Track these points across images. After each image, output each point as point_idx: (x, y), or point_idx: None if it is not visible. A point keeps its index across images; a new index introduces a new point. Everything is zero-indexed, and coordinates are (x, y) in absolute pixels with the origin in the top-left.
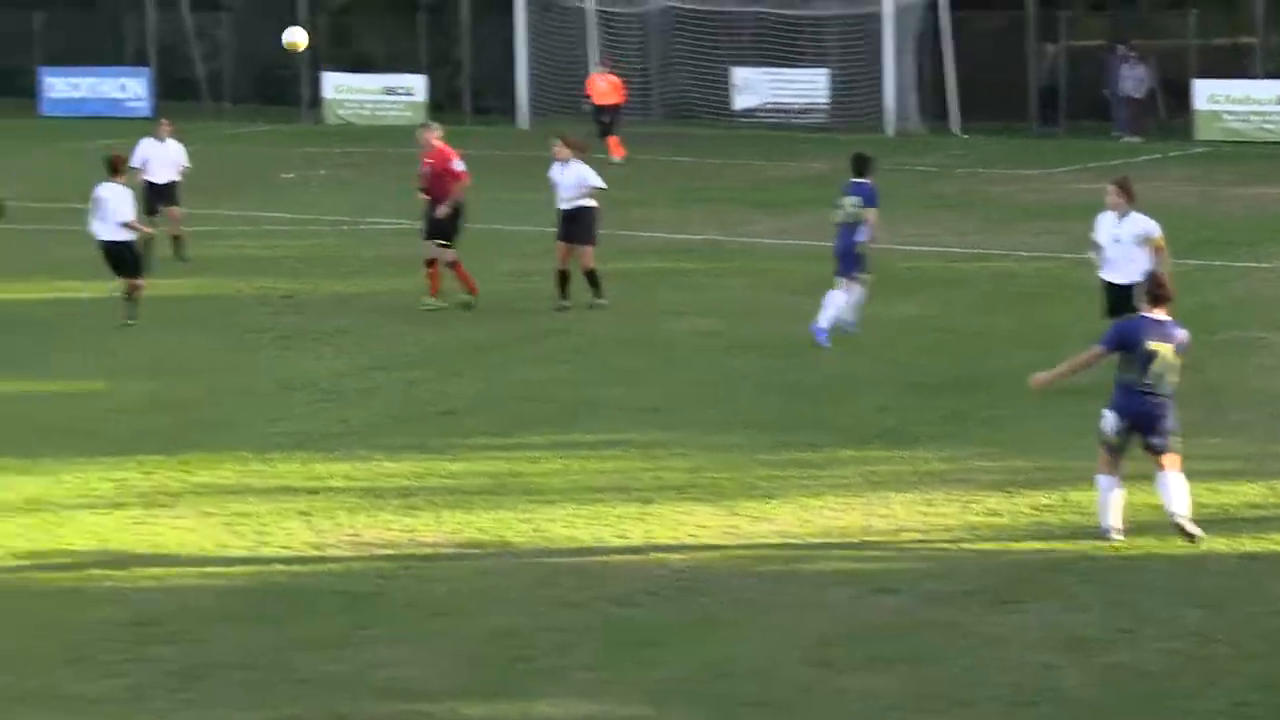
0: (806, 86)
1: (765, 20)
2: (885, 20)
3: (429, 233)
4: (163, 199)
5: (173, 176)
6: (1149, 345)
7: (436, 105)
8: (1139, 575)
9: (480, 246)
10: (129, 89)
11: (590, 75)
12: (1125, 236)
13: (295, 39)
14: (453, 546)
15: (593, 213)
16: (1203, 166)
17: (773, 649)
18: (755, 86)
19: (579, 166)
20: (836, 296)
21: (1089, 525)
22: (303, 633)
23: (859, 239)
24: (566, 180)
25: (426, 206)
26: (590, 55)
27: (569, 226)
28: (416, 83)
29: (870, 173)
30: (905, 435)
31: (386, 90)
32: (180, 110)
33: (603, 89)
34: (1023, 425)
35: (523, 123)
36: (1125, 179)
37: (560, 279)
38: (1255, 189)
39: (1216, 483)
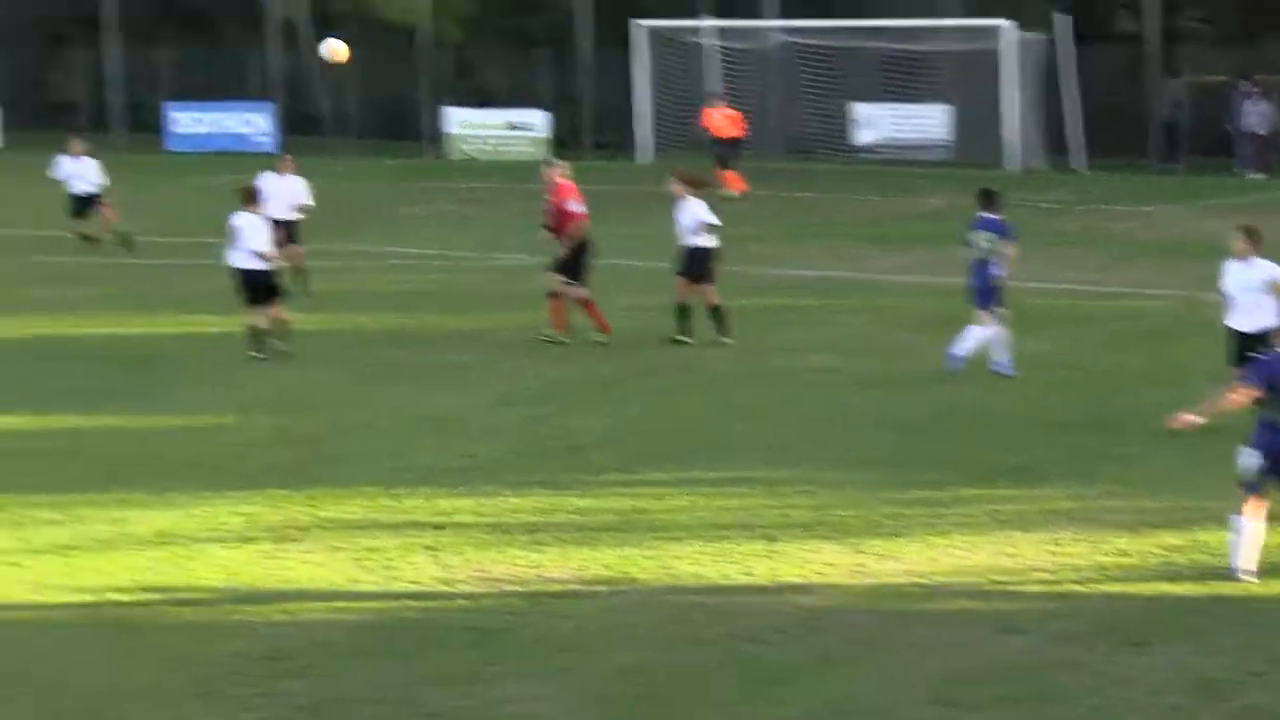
0: (926, 122)
1: (885, 56)
2: (1005, 55)
3: (556, 268)
4: (281, 234)
5: (292, 212)
6: None
7: (558, 140)
8: (1272, 617)
9: (600, 281)
10: (254, 124)
11: (706, 108)
12: (1252, 283)
13: (334, 50)
14: (579, 582)
15: (710, 250)
16: None
17: (898, 688)
18: (875, 122)
19: (694, 203)
20: (977, 330)
21: (1219, 566)
22: (432, 668)
23: (995, 273)
24: (684, 217)
25: (553, 243)
26: (710, 90)
27: (687, 263)
28: (538, 118)
29: (999, 207)
30: (1033, 473)
31: (509, 125)
32: (304, 145)
33: (719, 122)
34: (1152, 464)
35: (643, 158)
36: (1253, 227)
37: (680, 313)
38: None
39: None
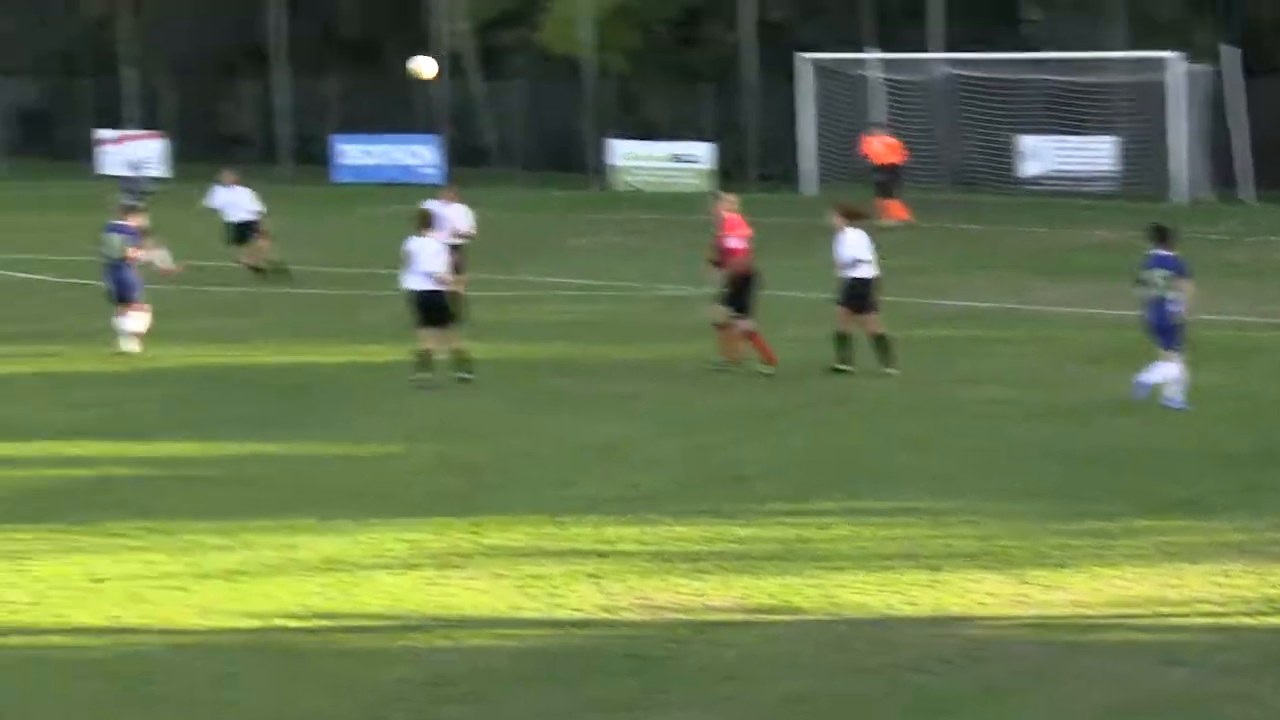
0: (1092, 154)
1: (1051, 88)
2: (1173, 87)
3: (722, 300)
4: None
5: (454, 240)
6: None
7: (722, 172)
8: None
9: (765, 313)
10: (420, 156)
11: (866, 136)
12: None
13: (421, 67)
14: (742, 611)
15: (870, 280)
16: None
17: (1062, 719)
18: (1041, 154)
19: (853, 234)
20: (1164, 366)
21: None
22: (594, 695)
23: (1173, 310)
24: (842, 249)
25: (717, 276)
26: (877, 123)
27: (848, 294)
28: (702, 150)
29: (1173, 243)
30: (1202, 505)
31: (673, 157)
32: (470, 176)
33: (879, 149)
34: None
35: (808, 189)
36: None
37: (839, 342)
38: None
39: None
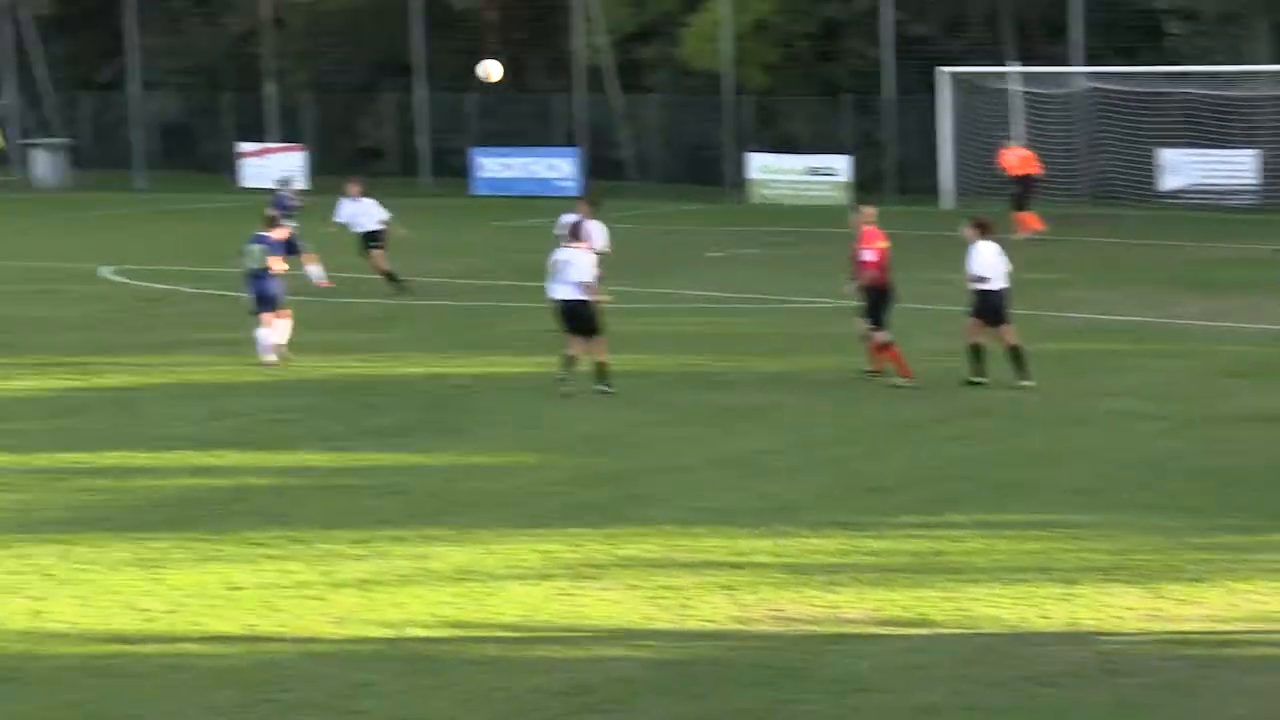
0: (1235, 167)
1: (1193, 101)
2: None
3: (860, 312)
4: None
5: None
6: None
7: (859, 185)
8: None
9: (903, 325)
10: (558, 168)
11: (1002, 149)
12: None
13: (489, 71)
14: (876, 623)
15: (1002, 292)
16: None
17: None
18: (1182, 167)
19: (986, 247)
20: None
21: None
22: (727, 705)
23: None
24: (975, 261)
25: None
26: (1015, 136)
27: (980, 306)
28: (840, 163)
29: None
30: None
31: (810, 171)
32: (608, 190)
33: (1014, 161)
34: None
35: (946, 203)
36: None
37: (973, 354)
38: None
39: None
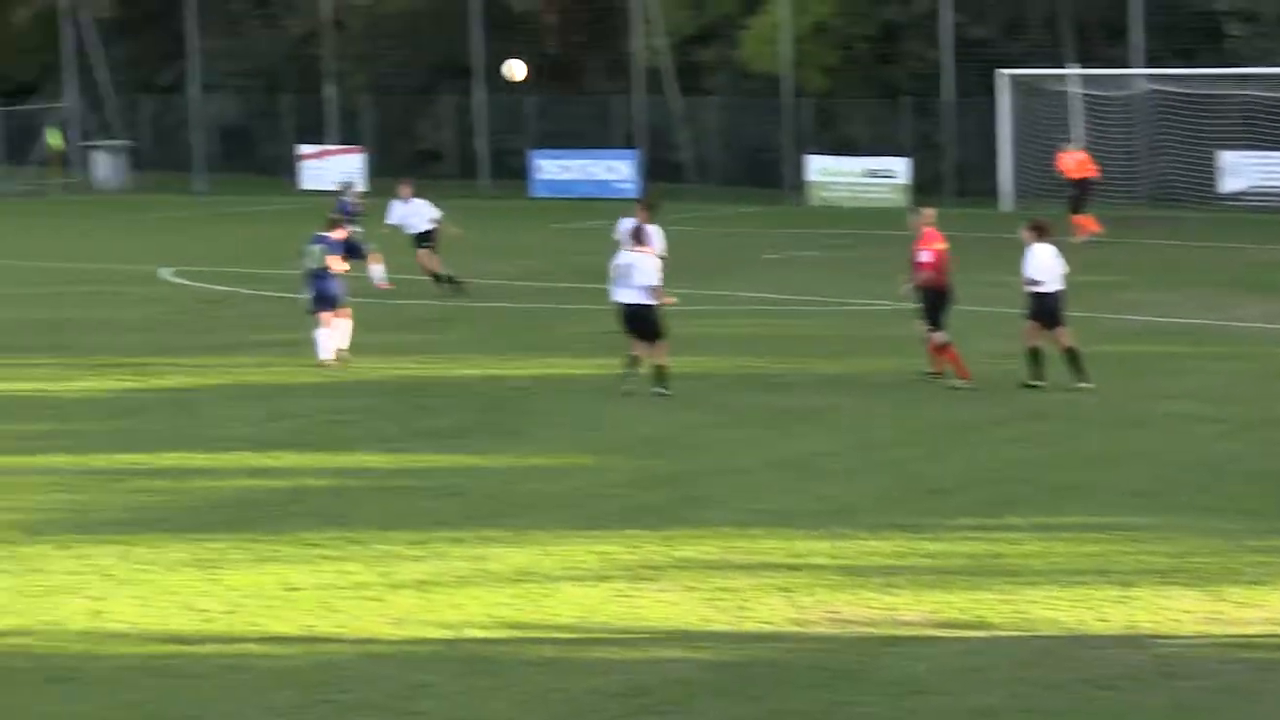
0: None
1: (1253, 103)
2: None
3: (920, 313)
4: None
5: None
6: None
7: (918, 188)
8: None
9: (961, 327)
10: (617, 171)
11: (1060, 152)
12: None
13: (513, 70)
14: (933, 625)
15: (1058, 295)
16: None
17: None
18: (1242, 169)
19: (1042, 250)
20: None
21: None
22: (784, 707)
23: None
24: (1030, 264)
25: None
26: (1074, 139)
27: (1036, 308)
28: (899, 165)
29: None
30: None
31: (869, 173)
32: (666, 192)
33: (1070, 165)
34: None
35: (1005, 205)
36: None
37: (1031, 357)
38: None
39: None
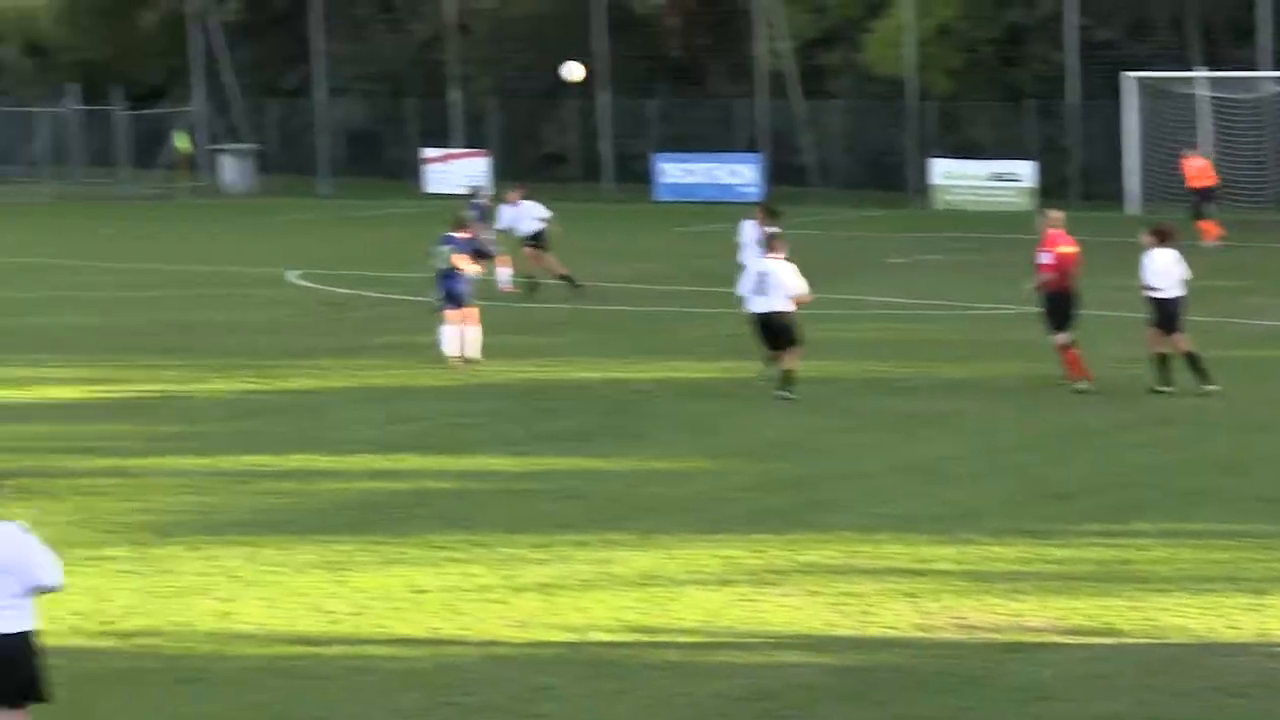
0: None
1: None
2: None
3: (1042, 315)
4: None
5: None
6: None
7: (1044, 191)
8: None
9: (1089, 332)
10: (740, 174)
11: (1182, 157)
12: None
13: (572, 71)
14: (1059, 632)
15: (1178, 300)
16: None
17: None
18: None
19: (1162, 255)
20: None
21: None
22: (909, 712)
23: None
24: (1150, 269)
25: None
26: (1201, 142)
27: (1157, 314)
28: (1024, 169)
29: None
30: None
31: (994, 176)
32: (789, 195)
33: (1192, 171)
34: None
35: (1131, 209)
36: None
37: (1159, 363)
38: None
39: None
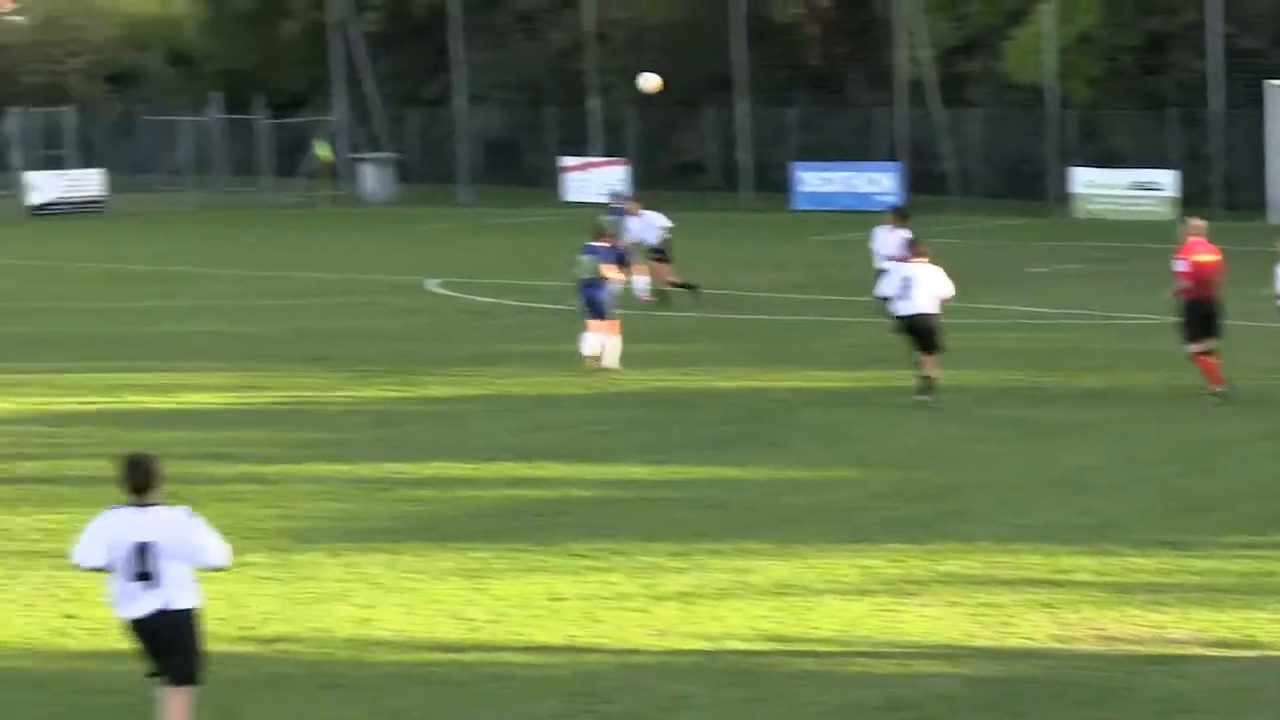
0: None
1: None
2: None
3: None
4: None
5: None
6: None
7: (1186, 200)
8: None
9: (1233, 342)
10: (879, 183)
11: None
12: None
13: (650, 82)
14: (1201, 644)
15: None
16: None
17: None
18: None
19: None
20: None
21: None
22: None
23: None
24: (1278, 279)
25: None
26: None
27: None
28: (1166, 178)
29: None
30: None
31: (1136, 185)
32: (928, 204)
33: None
34: None
35: (1275, 218)
36: None
37: None
38: None
39: None
